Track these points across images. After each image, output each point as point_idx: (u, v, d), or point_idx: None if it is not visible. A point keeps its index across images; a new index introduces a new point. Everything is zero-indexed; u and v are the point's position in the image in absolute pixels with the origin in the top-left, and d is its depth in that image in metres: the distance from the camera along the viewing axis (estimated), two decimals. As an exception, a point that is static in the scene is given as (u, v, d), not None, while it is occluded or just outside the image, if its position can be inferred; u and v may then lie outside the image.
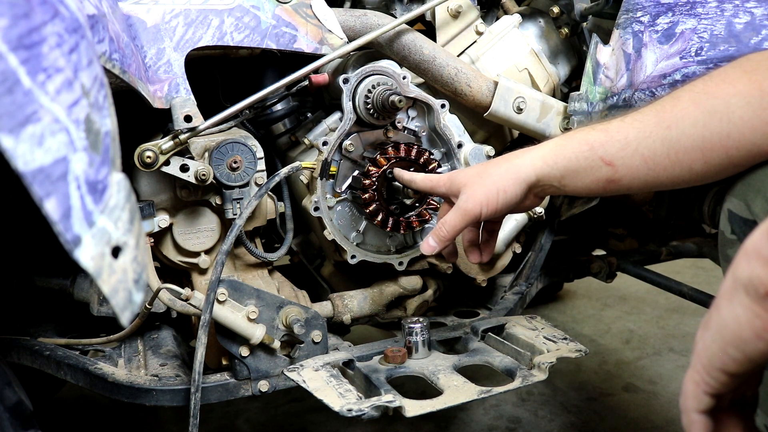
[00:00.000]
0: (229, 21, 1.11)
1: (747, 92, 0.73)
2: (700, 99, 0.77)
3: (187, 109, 1.05)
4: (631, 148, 0.82)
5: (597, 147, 0.85)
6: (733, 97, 0.74)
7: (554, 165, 0.90)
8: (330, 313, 1.27)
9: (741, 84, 0.74)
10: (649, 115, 0.81)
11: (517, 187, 0.93)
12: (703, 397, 0.62)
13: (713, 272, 2.66)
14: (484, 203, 0.94)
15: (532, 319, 1.25)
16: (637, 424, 1.80)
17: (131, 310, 0.60)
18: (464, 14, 1.31)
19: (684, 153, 0.78)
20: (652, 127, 0.80)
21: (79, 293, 1.26)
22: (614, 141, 0.84)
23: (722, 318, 0.58)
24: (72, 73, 0.58)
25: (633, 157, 0.82)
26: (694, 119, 0.76)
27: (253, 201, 1.11)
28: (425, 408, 0.98)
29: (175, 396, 1.10)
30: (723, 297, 0.58)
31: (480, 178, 0.96)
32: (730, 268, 0.58)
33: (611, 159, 0.83)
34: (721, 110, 0.74)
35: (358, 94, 1.15)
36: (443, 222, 1.00)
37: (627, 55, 1.21)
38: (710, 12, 1.14)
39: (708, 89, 0.77)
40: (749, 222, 0.75)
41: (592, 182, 0.87)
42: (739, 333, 0.56)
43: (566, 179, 0.90)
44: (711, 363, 0.60)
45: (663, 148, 0.79)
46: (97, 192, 0.58)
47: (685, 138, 0.77)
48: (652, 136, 0.80)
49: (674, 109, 0.79)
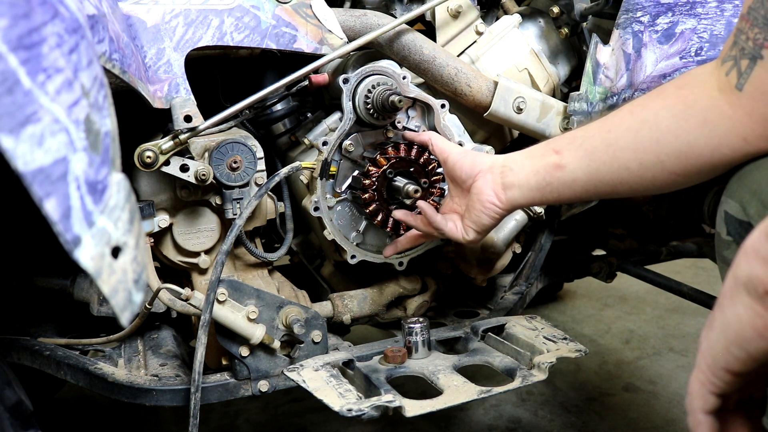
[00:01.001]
0: (229, 21, 1.11)
1: (673, 105, 0.83)
2: (636, 110, 0.89)
3: (187, 109, 1.05)
4: (576, 143, 0.94)
5: (551, 142, 0.99)
6: (662, 109, 0.85)
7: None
8: (330, 313, 1.27)
9: (670, 98, 0.85)
10: (595, 123, 0.95)
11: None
12: (708, 397, 0.63)
13: (713, 272, 2.64)
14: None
15: (532, 319, 1.25)
16: (637, 424, 1.80)
17: (131, 310, 0.60)
18: (464, 14, 1.31)
19: (620, 152, 0.89)
20: (595, 130, 0.93)
21: (79, 293, 1.26)
22: (564, 137, 0.99)
23: (725, 317, 0.59)
24: (72, 74, 0.58)
25: (578, 150, 0.93)
26: (629, 125, 0.88)
27: (253, 201, 1.11)
28: (425, 408, 0.98)
29: (175, 396, 1.10)
30: (725, 297, 0.59)
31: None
32: (731, 268, 0.58)
33: (559, 148, 0.96)
34: (651, 120, 0.85)
35: (358, 94, 1.15)
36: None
37: (627, 55, 1.21)
38: (710, 12, 1.14)
39: (644, 102, 0.89)
40: (744, 224, 0.75)
41: (541, 167, 0.98)
42: (741, 332, 0.57)
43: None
44: (715, 363, 0.60)
45: (602, 145, 0.91)
46: (97, 192, 0.58)
47: (621, 140, 0.89)
48: (595, 136, 0.92)
49: (614, 117, 0.92)
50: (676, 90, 0.85)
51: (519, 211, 1.31)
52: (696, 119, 0.81)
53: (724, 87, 0.78)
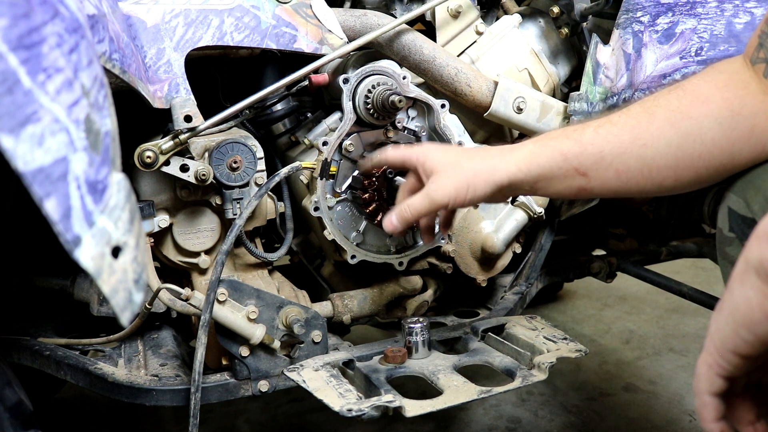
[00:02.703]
0: (229, 21, 1.11)
1: (719, 113, 0.76)
2: (675, 119, 0.79)
3: (187, 109, 1.05)
4: (605, 162, 0.83)
5: (571, 158, 0.86)
6: (705, 118, 0.77)
7: (528, 172, 0.90)
8: (330, 313, 1.27)
9: (713, 103, 0.77)
10: (624, 130, 0.83)
11: (487, 188, 0.93)
12: (715, 380, 0.63)
13: (713, 272, 2.65)
14: (452, 196, 0.95)
15: (532, 319, 1.25)
16: (637, 424, 1.80)
17: (131, 310, 0.60)
18: (464, 14, 1.31)
19: (657, 171, 0.81)
20: (627, 144, 0.82)
21: (79, 293, 1.26)
22: (588, 154, 0.85)
23: (734, 300, 0.59)
24: (72, 73, 0.58)
25: (607, 171, 0.84)
26: (669, 140, 0.79)
27: (253, 201, 1.11)
28: (425, 408, 0.98)
29: (175, 396, 1.10)
30: (735, 280, 0.59)
31: (453, 169, 0.95)
32: (743, 252, 0.58)
33: (585, 170, 0.85)
34: (695, 132, 0.77)
35: (358, 94, 1.15)
36: (409, 204, 0.99)
37: (627, 55, 1.21)
38: (710, 12, 1.14)
39: (683, 108, 0.79)
40: (748, 220, 0.75)
41: (564, 189, 0.88)
42: (750, 315, 0.57)
43: (539, 184, 0.91)
44: (723, 345, 0.61)
45: (637, 165, 0.82)
46: (97, 192, 0.58)
47: (660, 157, 0.80)
48: (627, 152, 0.82)
49: (650, 127, 0.81)
50: (719, 92, 0.78)
51: (519, 210, 1.31)
52: (743, 128, 0.76)
53: (767, 90, 0.75)
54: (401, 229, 1.02)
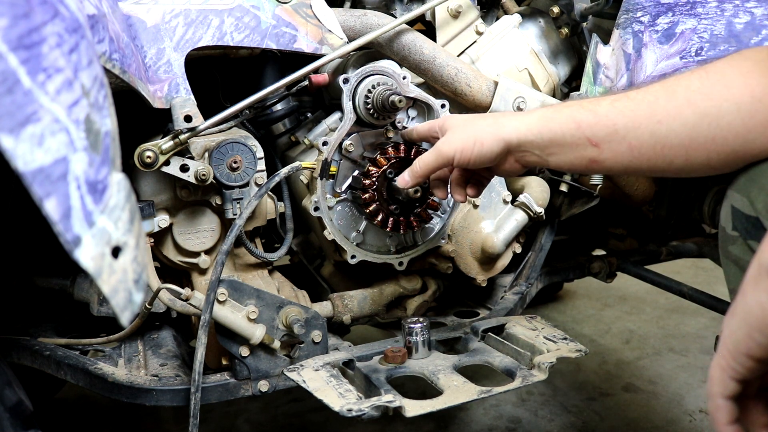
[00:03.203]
0: (229, 21, 1.11)
1: (739, 98, 0.75)
2: (695, 99, 0.78)
3: (187, 109, 1.05)
4: (619, 135, 0.83)
5: (585, 127, 0.86)
6: (725, 101, 0.76)
7: (539, 134, 0.90)
8: (330, 313, 1.27)
9: (735, 88, 0.76)
10: (642, 105, 0.82)
11: (494, 144, 0.93)
12: (729, 383, 0.63)
13: (713, 272, 2.66)
14: (458, 149, 0.96)
15: (532, 319, 1.25)
16: (637, 424, 1.80)
17: (131, 310, 0.60)
18: (464, 14, 1.31)
19: (669, 149, 0.80)
20: (643, 119, 0.81)
21: (79, 293, 1.26)
22: (602, 125, 0.84)
23: (747, 303, 0.59)
24: (72, 73, 0.58)
25: (620, 144, 0.83)
26: (685, 119, 0.78)
27: (253, 201, 1.11)
28: (425, 408, 0.98)
29: (175, 396, 1.10)
30: (748, 283, 0.59)
31: (464, 125, 0.97)
32: (756, 255, 0.58)
33: (598, 141, 0.84)
34: (712, 113, 0.77)
35: (358, 94, 1.15)
36: (419, 159, 1.03)
37: (627, 55, 1.21)
38: (710, 12, 1.14)
39: (704, 89, 0.78)
40: (751, 218, 0.75)
41: (575, 158, 0.88)
42: (763, 318, 0.57)
43: (549, 150, 0.90)
44: (737, 348, 0.60)
45: (650, 141, 0.81)
46: (97, 192, 0.58)
47: (674, 135, 0.79)
48: (642, 127, 0.81)
49: (668, 105, 0.80)
50: (742, 78, 0.76)
51: (519, 210, 1.31)
52: (762, 116, 0.74)
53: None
54: (412, 184, 1.06)
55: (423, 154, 1.04)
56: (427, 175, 1.04)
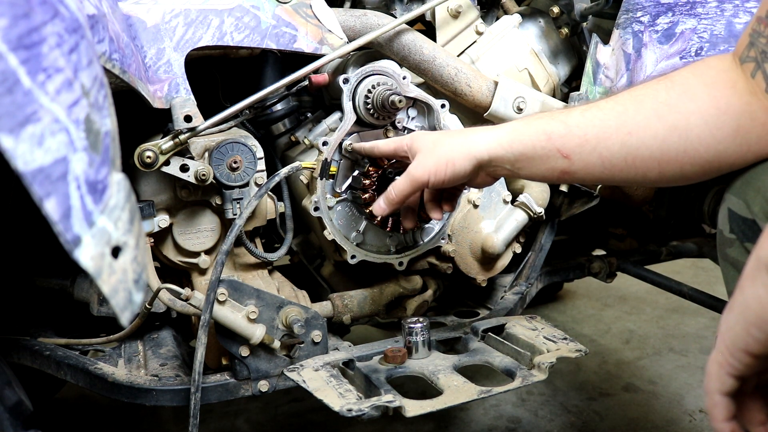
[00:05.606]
0: (229, 21, 1.11)
1: (705, 110, 0.76)
2: (662, 111, 0.79)
3: (187, 109, 1.05)
4: (590, 145, 0.83)
5: (555, 138, 0.86)
6: (692, 114, 0.77)
7: (509, 149, 0.90)
8: (330, 313, 1.27)
9: (700, 100, 0.77)
10: (611, 116, 0.82)
11: (466, 163, 0.93)
12: (726, 379, 0.63)
13: (713, 272, 2.65)
14: (432, 172, 0.95)
15: (532, 319, 1.25)
16: (637, 424, 1.80)
17: (131, 310, 0.60)
18: (464, 14, 1.31)
19: (641, 161, 0.80)
20: (613, 130, 0.81)
21: (79, 293, 1.26)
22: (573, 135, 0.84)
23: (745, 299, 0.59)
24: (72, 73, 0.58)
25: (591, 155, 0.83)
26: (655, 132, 0.79)
27: (253, 201, 1.11)
28: (425, 408, 0.98)
29: (175, 396, 1.10)
30: (746, 278, 0.59)
31: (434, 147, 0.97)
32: (754, 250, 0.58)
33: (569, 153, 0.84)
34: (681, 126, 0.77)
35: (358, 94, 1.15)
36: (393, 185, 1.03)
37: (627, 55, 1.21)
38: (710, 12, 1.14)
39: (670, 101, 0.79)
40: (748, 221, 0.75)
41: (547, 170, 0.88)
42: (761, 313, 0.57)
43: (520, 164, 0.90)
44: (734, 344, 0.60)
45: (621, 152, 0.81)
46: (97, 192, 0.58)
47: (644, 148, 0.80)
48: (612, 138, 0.81)
49: (636, 115, 0.80)
50: (706, 89, 0.77)
51: (519, 210, 1.31)
52: (729, 127, 0.75)
53: (754, 90, 0.75)
54: (389, 211, 1.04)
55: (397, 180, 1.03)
56: (403, 201, 1.03)
